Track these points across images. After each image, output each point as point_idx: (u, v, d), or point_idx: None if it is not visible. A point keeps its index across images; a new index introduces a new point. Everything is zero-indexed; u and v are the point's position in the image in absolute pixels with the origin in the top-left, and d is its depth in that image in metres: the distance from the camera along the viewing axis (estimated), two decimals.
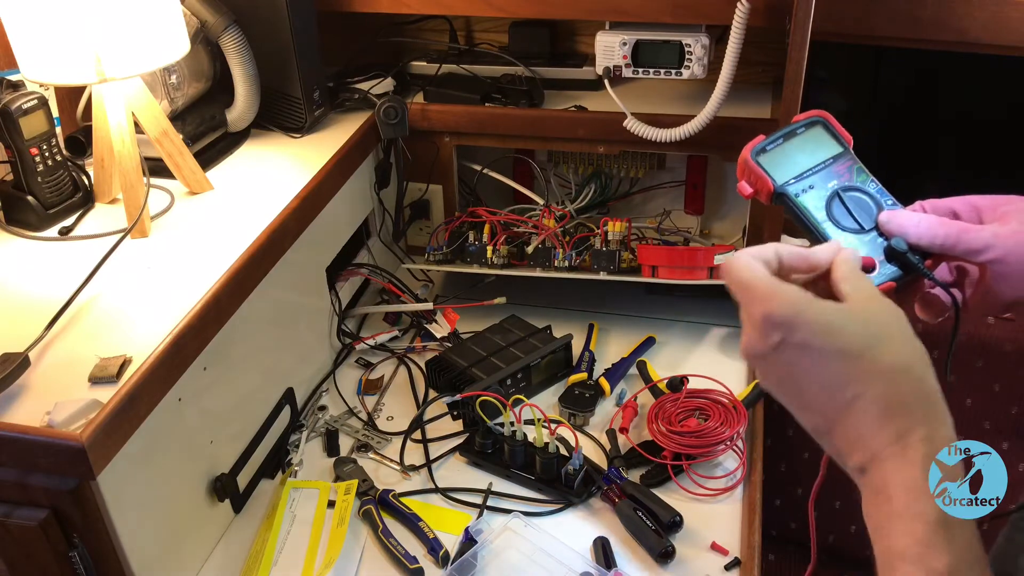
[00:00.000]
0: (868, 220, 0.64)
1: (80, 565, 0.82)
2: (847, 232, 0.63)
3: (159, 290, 0.96)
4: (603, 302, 1.40)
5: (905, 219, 0.62)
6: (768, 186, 0.64)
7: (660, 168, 1.47)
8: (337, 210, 1.27)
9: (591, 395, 1.18)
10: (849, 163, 0.66)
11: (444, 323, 1.35)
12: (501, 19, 1.47)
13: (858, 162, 0.67)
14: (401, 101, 1.35)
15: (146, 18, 0.99)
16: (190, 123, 1.23)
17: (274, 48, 1.27)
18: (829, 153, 0.66)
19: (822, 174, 0.65)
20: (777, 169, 0.65)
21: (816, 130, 0.67)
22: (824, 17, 1.08)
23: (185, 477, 0.95)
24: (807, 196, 0.64)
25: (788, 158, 0.66)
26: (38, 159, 1.08)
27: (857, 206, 0.64)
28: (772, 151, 0.66)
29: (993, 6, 1.06)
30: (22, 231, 1.09)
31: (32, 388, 0.82)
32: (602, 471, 1.07)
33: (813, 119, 0.67)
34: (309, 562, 0.97)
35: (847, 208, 0.64)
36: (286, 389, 1.15)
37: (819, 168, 0.66)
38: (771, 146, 0.66)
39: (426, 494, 1.07)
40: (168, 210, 1.14)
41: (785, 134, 0.66)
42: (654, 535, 0.96)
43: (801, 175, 0.65)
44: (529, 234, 1.37)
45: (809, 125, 0.67)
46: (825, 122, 0.67)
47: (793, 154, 0.66)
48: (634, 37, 1.28)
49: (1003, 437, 1.28)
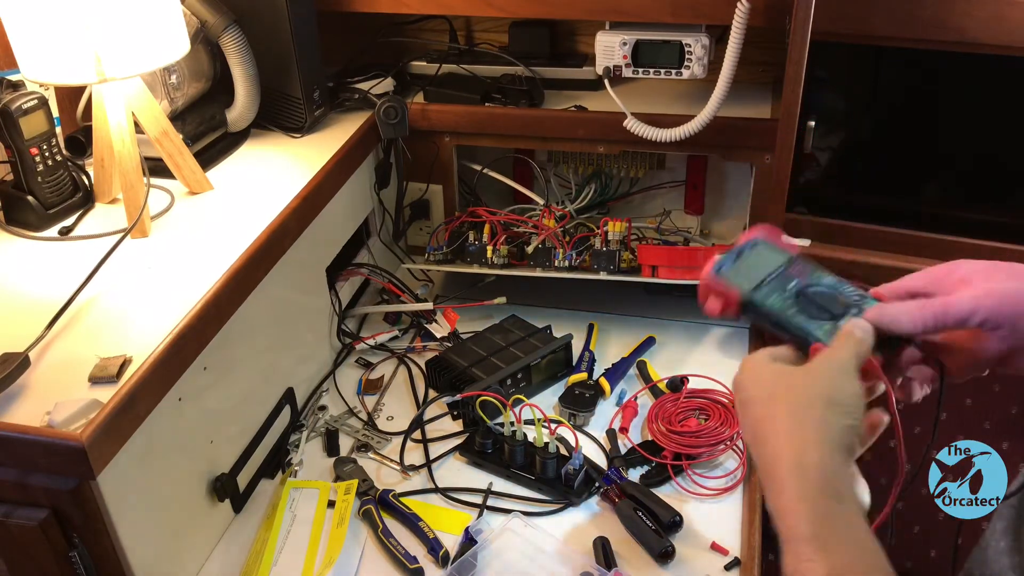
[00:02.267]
0: (838, 308, 0.66)
1: (80, 565, 0.82)
2: (822, 321, 0.65)
3: (159, 290, 0.96)
4: (603, 302, 1.40)
5: (896, 312, 0.64)
6: (735, 296, 0.68)
7: (660, 168, 1.47)
8: (337, 210, 1.27)
9: (591, 395, 1.18)
10: (801, 265, 0.70)
11: (444, 323, 1.35)
12: (501, 19, 1.47)
13: (809, 263, 0.70)
14: (401, 101, 1.35)
15: (146, 18, 0.99)
16: (190, 123, 1.23)
17: (274, 48, 1.27)
18: (780, 261, 0.70)
19: (780, 279, 0.69)
20: (740, 278, 0.69)
21: (760, 248, 0.71)
22: (824, 17, 1.08)
23: (185, 477, 0.95)
24: (773, 300, 0.67)
25: (745, 272, 0.69)
26: (38, 159, 1.08)
27: (823, 298, 0.67)
28: (728, 270, 0.70)
29: (993, 6, 1.05)
30: (22, 231, 1.09)
31: (32, 388, 0.82)
32: (602, 471, 1.07)
33: (753, 241, 0.72)
34: (309, 562, 0.97)
35: (815, 302, 0.67)
36: (286, 389, 1.15)
37: (776, 274, 0.69)
38: (726, 266, 0.70)
39: (426, 494, 1.07)
40: (168, 210, 1.14)
41: (736, 254, 0.71)
42: (654, 535, 0.96)
43: (762, 283, 0.68)
44: (529, 234, 1.37)
45: (752, 246, 0.71)
46: (763, 241, 0.72)
47: (748, 269, 0.70)
48: (634, 37, 1.28)
49: (1003, 437, 1.28)
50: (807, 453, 0.56)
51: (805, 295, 0.67)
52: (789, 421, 0.58)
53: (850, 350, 0.61)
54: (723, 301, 0.68)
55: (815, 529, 0.54)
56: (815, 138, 1.21)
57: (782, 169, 1.19)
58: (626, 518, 1.00)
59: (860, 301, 0.66)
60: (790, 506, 0.55)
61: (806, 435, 0.57)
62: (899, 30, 1.11)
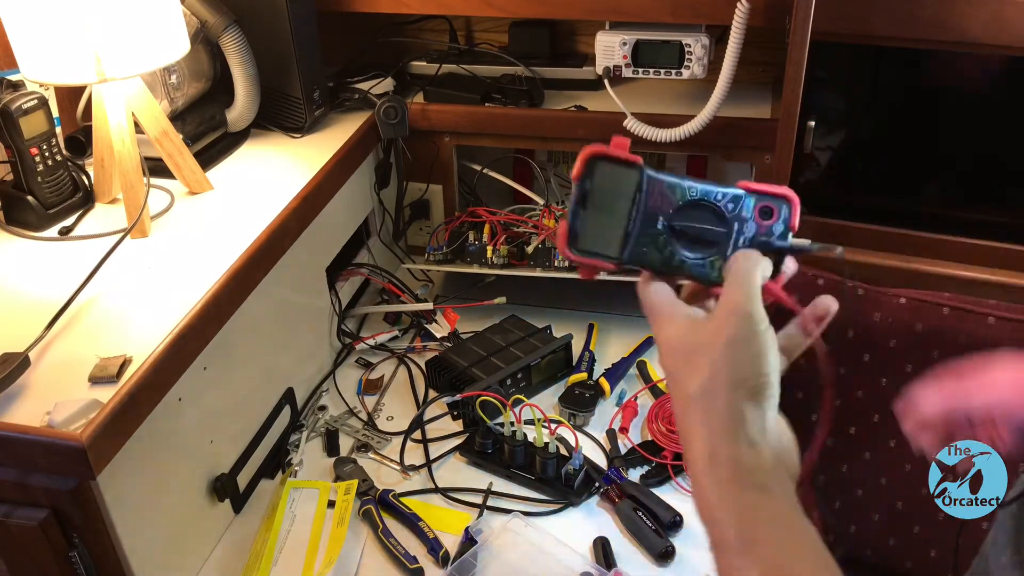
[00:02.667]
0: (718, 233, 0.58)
1: (80, 565, 0.82)
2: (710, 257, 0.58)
3: (159, 290, 0.96)
4: (603, 302, 1.40)
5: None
6: (610, 267, 0.58)
7: (660, 168, 1.47)
8: (337, 210, 1.27)
9: (591, 395, 1.18)
10: (654, 186, 0.59)
11: (444, 323, 1.35)
12: (501, 19, 1.47)
13: (662, 175, 0.59)
14: (401, 101, 1.35)
15: (146, 18, 0.99)
16: (190, 123, 1.23)
17: (274, 48, 1.27)
18: (631, 188, 0.58)
19: (643, 222, 0.58)
20: (602, 243, 0.58)
21: (600, 175, 0.58)
22: (824, 17, 1.08)
23: (185, 477, 0.95)
24: (649, 254, 0.58)
25: (601, 229, 0.58)
26: (38, 159, 1.08)
27: (697, 229, 0.58)
28: (583, 228, 0.58)
29: (993, 6, 1.05)
30: (22, 231, 1.09)
31: (32, 388, 0.82)
32: (602, 471, 1.07)
33: (589, 161, 0.58)
34: (309, 562, 0.97)
35: (690, 237, 0.58)
36: (286, 389, 1.15)
37: (636, 217, 0.58)
38: (578, 224, 0.58)
39: (426, 494, 1.07)
40: (168, 210, 1.14)
41: (578, 200, 0.58)
42: (654, 535, 0.97)
43: (626, 238, 0.58)
44: (529, 234, 1.37)
45: (589, 174, 0.58)
46: (602, 157, 0.58)
47: (602, 222, 0.58)
48: (634, 37, 1.28)
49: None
50: (718, 447, 0.51)
51: (678, 232, 0.58)
52: (697, 410, 0.53)
53: (745, 288, 0.54)
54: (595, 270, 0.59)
55: (740, 532, 0.49)
56: (815, 138, 1.21)
57: (782, 169, 1.19)
58: (626, 518, 1.00)
59: (735, 210, 0.58)
60: (712, 511, 0.51)
61: (713, 424, 0.51)
62: (899, 30, 1.11)
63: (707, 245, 0.58)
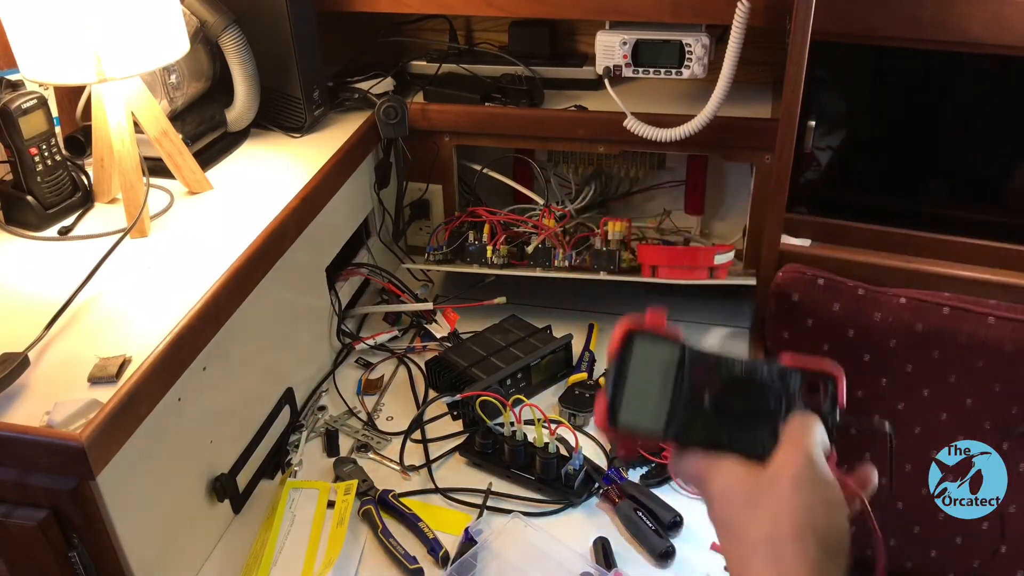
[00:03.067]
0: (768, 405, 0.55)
1: (80, 565, 0.82)
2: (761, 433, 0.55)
3: (159, 290, 0.96)
4: (603, 302, 1.40)
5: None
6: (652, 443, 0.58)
7: (660, 168, 1.47)
8: (337, 210, 1.27)
9: (591, 395, 1.18)
10: (697, 360, 0.57)
11: (444, 323, 1.35)
12: (501, 19, 1.47)
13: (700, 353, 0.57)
14: (401, 101, 1.35)
15: (146, 18, 0.99)
16: (190, 123, 1.23)
17: (274, 48, 1.27)
18: (671, 363, 0.56)
19: (688, 398, 0.56)
20: (643, 418, 0.56)
21: (640, 351, 0.56)
22: (824, 17, 1.08)
23: (185, 477, 0.95)
24: (696, 431, 0.55)
25: (642, 404, 0.56)
26: (38, 159, 1.08)
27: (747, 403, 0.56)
28: (623, 403, 0.56)
29: (993, 6, 1.06)
30: (22, 231, 1.09)
31: (32, 388, 0.82)
32: (602, 471, 1.06)
33: (627, 336, 0.56)
34: (309, 562, 0.97)
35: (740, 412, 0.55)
36: (286, 389, 1.15)
37: (680, 393, 0.56)
38: (618, 399, 0.56)
39: (426, 494, 1.07)
40: (168, 210, 1.14)
41: (618, 373, 0.56)
42: (654, 535, 0.96)
43: (671, 414, 0.56)
44: (529, 234, 1.37)
45: (627, 349, 0.56)
46: (639, 337, 0.57)
47: (644, 398, 0.56)
48: (634, 37, 1.28)
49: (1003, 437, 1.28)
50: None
51: (726, 410, 0.55)
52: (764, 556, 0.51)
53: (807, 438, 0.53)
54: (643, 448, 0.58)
55: None
56: (815, 138, 1.21)
57: (782, 169, 1.19)
58: (626, 518, 1.00)
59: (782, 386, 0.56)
60: None
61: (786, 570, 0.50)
62: (900, 30, 1.11)
63: (755, 422, 0.55)
